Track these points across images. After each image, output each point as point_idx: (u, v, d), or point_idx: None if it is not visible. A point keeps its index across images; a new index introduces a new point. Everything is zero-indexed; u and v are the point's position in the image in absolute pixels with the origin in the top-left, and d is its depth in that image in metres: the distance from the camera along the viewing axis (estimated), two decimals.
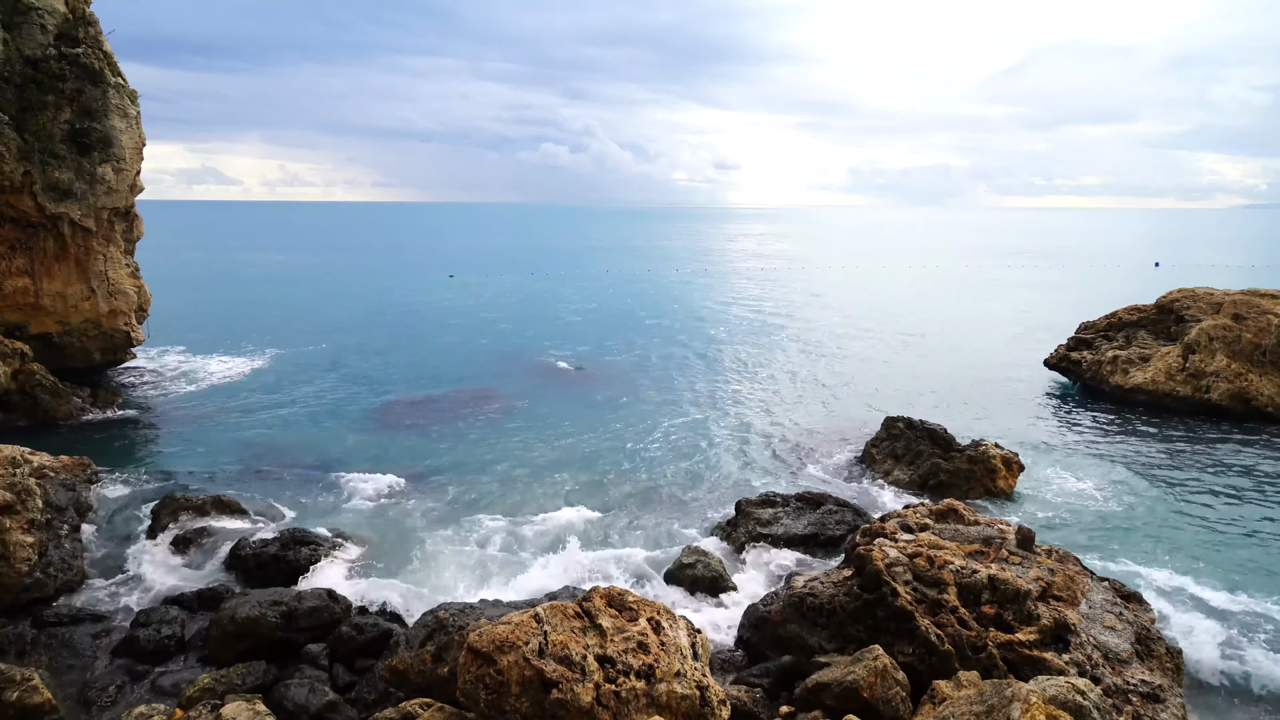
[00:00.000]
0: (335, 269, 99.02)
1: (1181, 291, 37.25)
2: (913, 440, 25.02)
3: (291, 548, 18.63)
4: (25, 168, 30.38)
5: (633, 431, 30.10)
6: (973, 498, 22.64)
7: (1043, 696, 10.22)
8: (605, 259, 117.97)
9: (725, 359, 44.18)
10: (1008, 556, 15.23)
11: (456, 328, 54.05)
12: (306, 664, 14.60)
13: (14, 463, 18.97)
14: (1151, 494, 23.75)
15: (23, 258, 32.13)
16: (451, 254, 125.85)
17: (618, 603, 11.74)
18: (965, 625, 13.41)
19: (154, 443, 28.19)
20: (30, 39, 30.94)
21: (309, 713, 13.01)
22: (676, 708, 10.69)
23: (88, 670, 14.63)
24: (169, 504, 20.45)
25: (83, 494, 20.56)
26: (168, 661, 15.05)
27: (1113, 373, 34.97)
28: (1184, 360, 33.02)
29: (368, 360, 42.47)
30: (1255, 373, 31.44)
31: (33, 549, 17.17)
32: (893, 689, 12.23)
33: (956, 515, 17.57)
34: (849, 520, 20.04)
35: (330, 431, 29.73)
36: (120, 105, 33.00)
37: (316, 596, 15.75)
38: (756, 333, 53.06)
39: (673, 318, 59.52)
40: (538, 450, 27.61)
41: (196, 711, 12.40)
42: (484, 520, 21.72)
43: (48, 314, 33.14)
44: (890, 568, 14.27)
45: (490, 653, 10.55)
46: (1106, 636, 13.69)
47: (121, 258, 35.64)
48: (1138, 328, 37.22)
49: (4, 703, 12.57)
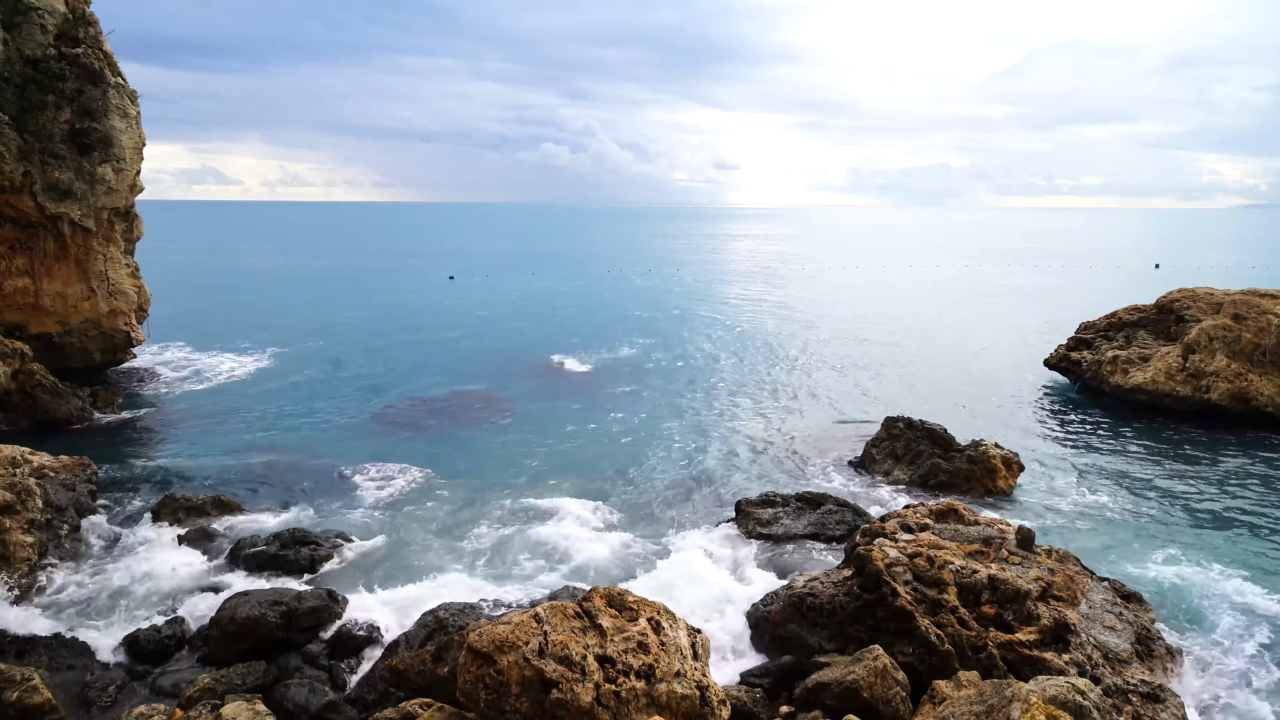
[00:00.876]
0: (335, 269, 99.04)
1: (1181, 291, 37.24)
2: (913, 440, 25.01)
3: (291, 548, 18.64)
4: (25, 168, 30.39)
5: (633, 431, 30.10)
6: (973, 498, 22.64)
7: (1043, 696, 10.22)
8: (606, 260, 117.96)
9: (726, 359, 44.18)
10: (1008, 556, 15.23)
11: (457, 328, 54.05)
12: (306, 664, 14.60)
13: (14, 463, 18.97)
14: (1151, 494, 23.75)
15: (23, 258, 32.14)
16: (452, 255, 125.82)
17: (618, 603, 11.74)
18: (965, 625, 13.41)
19: (154, 442, 28.18)
20: (30, 39, 30.95)
21: (309, 713, 13.01)
22: (676, 708, 10.69)
23: (88, 670, 14.62)
24: (169, 504, 20.44)
25: (83, 494, 20.54)
26: (168, 661, 15.05)
27: (1113, 373, 34.96)
28: (1184, 360, 33.01)
29: (368, 361, 42.47)
30: (1255, 373, 31.43)
31: (33, 549, 17.17)
32: (893, 689, 12.23)
33: (956, 515, 17.57)
34: (849, 520, 20.04)
35: (330, 431, 29.73)
36: (120, 105, 33.01)
37: (316, 596, 15.75)
38: (756, 332, 53.05)
39: (673, 318, 59.51)
40: (538, 450, 27.61)
41: (196, 711, 12.40)
42: (485, 520, 21.72)
43: (48, 314, 33.15)
44: (890, 568, 14.27)
45: (490, 653, 10.54)
46: (1106, 636, 13.69)
47: (121, 258, 35.66)
48: (1138, 328, 37.20)
49: (4, 703, 12.56)
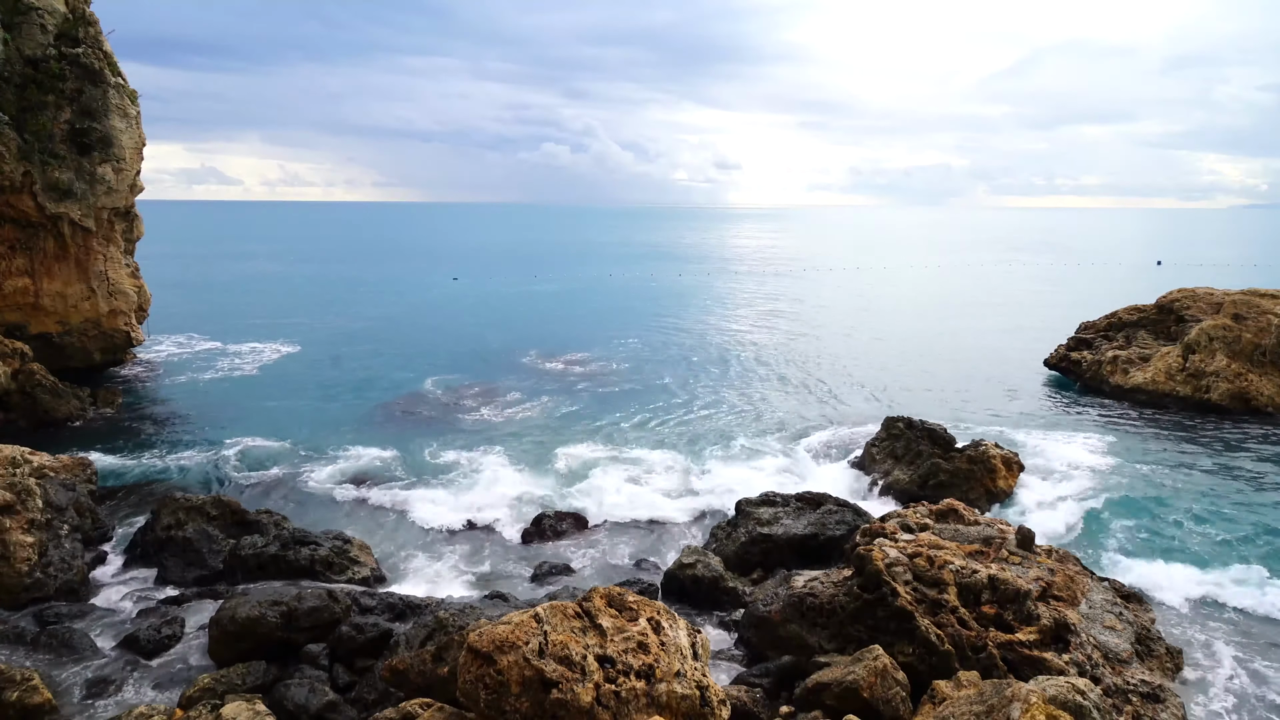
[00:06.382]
0: (336, 270, 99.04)
1: (1181, 291, 37.26)
2: (913, 440, 25.00)
3: (291, 548, 18.63)
4: (25, 168, 30.39)
5: (633, 431, 30.11)
6: (973, 498, 22.63)
7: (1043, 696, 10.21)
8: (607, 260, 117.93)
9: (726, 358, 44.18)
10: (1008, 556, 15.23)
11: (460, 328, 54.06)
12: (306, 664, 14.58)
13: (14, 463, 18.97)
14: (1151, 494, 23.74)
15: (23, 258, 32.15)
16: (454, 255, 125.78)
17: (618, 602, 11.73)
18: (965, 625, 13.40)
19: (154, 442, 28.17)
20: (30, 39, 30.95)
21: (309, 713, 13.00)
22: (676, 708, 10.68)
23: (88, 670, 14.63)
24: (169, 504, 20.43)
25: (82, 494, 20.54)
26: (168, 661, 15.05)
27: (1113, 372, 34.97)
28: (1184, 360, 33.01)
29: (369, 361, 42.46)
30: (1255, 373, 31.43)
31: (33, 549, 17.17)
32: (893, 689, 12.22)
33: (956, 515, 17.56)
34: (849, 520, 20.02)
35: (330, 432, 29.70)
36: (120, 105, 33.02)
37: (316, 596, 15.73)
38: (757, 332, 53.06)
39: (674, 318, 59.51)
40: (539, 450, 27.61)
41: (196, 711, 12.40)
42: (485, 520, 21.74)
43: (48, 314, 33.15)
44: (890, 568, 14.26)
45: (490, 653, 10.54)
46: (1106, 636, 13.69)
47: (121, 258, 35.67)
48: (1138, 328, 37.22)
49: (4, 703, 12.56)
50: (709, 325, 56.08)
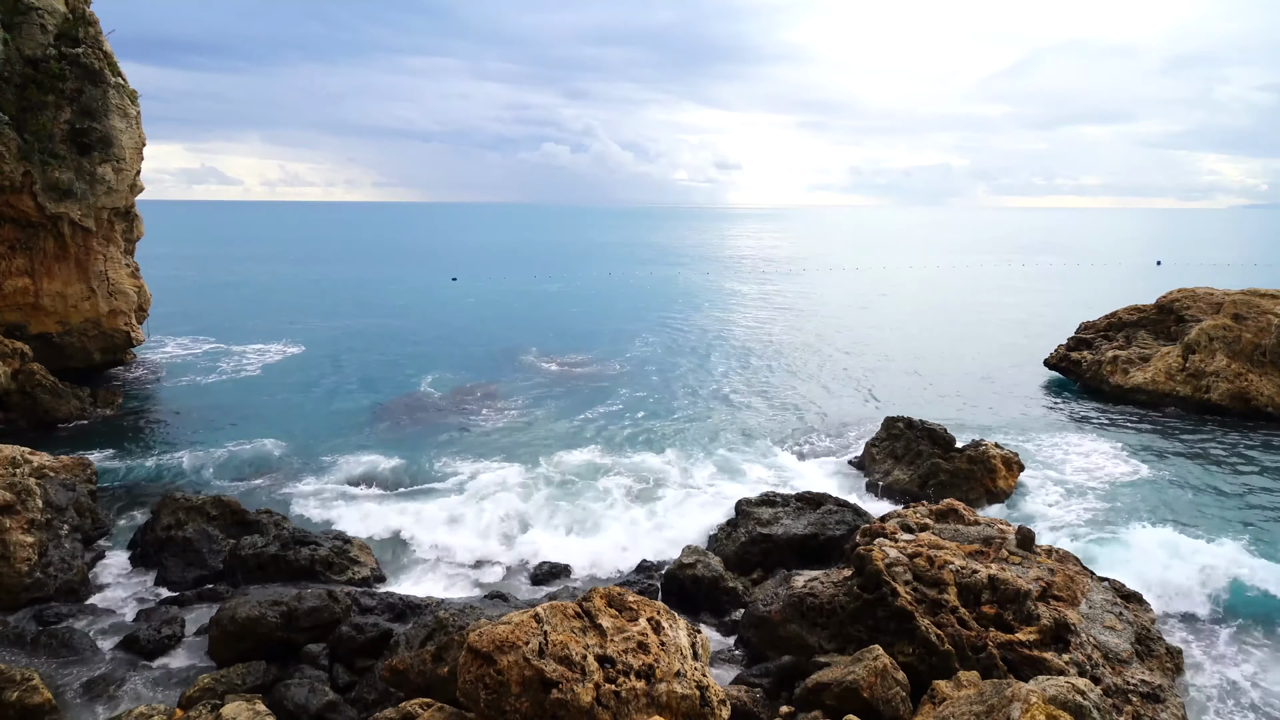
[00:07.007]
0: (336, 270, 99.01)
1: (1181, 291, 37.25)
2: (913, 440, 25.00)
3: (291, 548, 18.64)
4: (25, 168, 30.39)
5: (633, 431, 30.10)
6: (973, 498, 22.63)
7: (1043, 696, 10.22)
8: (607, 260, 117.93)
9: (726, 358, 44.18)
10: (1008, 556, 15.23)
11: (460, 328, 54.04)
12: (306, 664, 14.59)
13: (14, 463, 18.97)
14: (1151, 494, 23.74)
15: (23, 258, 32.15)
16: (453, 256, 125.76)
17: (618, 602, 11.74)
18: (965, 625, 13.40)
19: (154, 442, 28.17)
20: (30, 39, 30.96)
21: (309, 713, 13.01)
22: (676, 708, 10.68)
23: (88, 670, 14.63)
24: (169, 503, 20.44)
25: (82, 494, 20.55)
26: (168, 661, 15.06)
27: (1113, 373, 34.96)
28: (1184, 360, 33.01)
29: (369, 362, 42.45)
30: (1255, 373, 31.42)
31: (33, 549, 17.17)
32: (893, 689, 12.22)
33: (956, 515, 17.57)
34: (849, 520, 20.03)
35: (331, 432, 29.70)
36: (120, 105, 33.02)
37: (316, 596, 15.74)
38: (757, 332, 53.06)
39: (674, 317, 59.51)
40: (539, 450, 27.59)
41: (196, 711, 12.40)
42: (485, 520, 21.72)
43: (48, 314, 33.16)
44: (890, 568, 14.26)
45: (490, 653, 10.54)
46: (1106, 636, 13.69)
47: (121, 258, 35.68)
48: (1138, 328, 37.21)
49: (4, 703, 12.56)
50: (709, 325, 56.08)
